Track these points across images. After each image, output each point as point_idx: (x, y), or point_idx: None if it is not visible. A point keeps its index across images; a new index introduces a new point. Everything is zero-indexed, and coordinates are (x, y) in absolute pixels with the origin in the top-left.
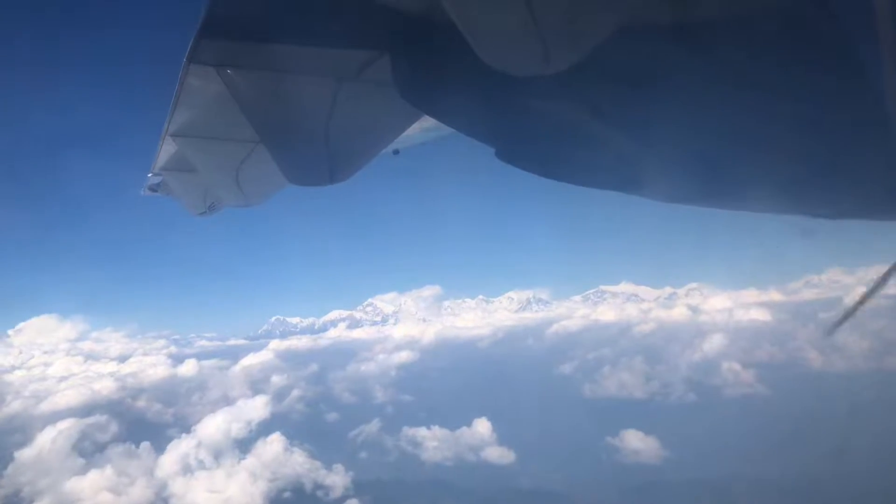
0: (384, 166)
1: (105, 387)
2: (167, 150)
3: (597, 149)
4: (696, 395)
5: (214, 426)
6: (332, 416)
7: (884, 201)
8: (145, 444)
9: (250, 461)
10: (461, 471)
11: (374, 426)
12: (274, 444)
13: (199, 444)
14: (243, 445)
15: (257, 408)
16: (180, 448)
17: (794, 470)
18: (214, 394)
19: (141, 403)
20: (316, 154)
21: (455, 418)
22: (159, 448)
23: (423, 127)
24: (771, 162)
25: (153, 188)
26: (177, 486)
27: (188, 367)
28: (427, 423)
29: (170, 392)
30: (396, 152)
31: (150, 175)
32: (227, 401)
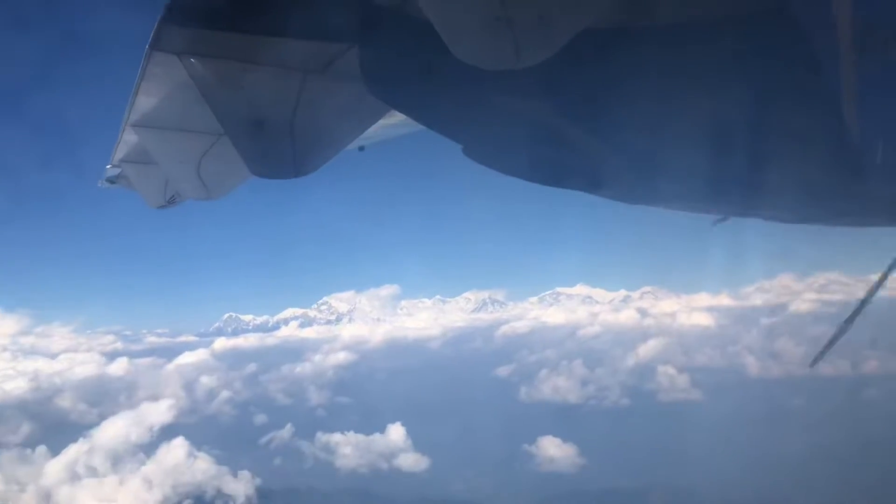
0: (347, 162)
1: (18, 386)
2: (127, 140)
3: (564, 148)
4: (630, 400)
5: (114, 430)
6: (259, 419)
7: (842, 207)
8: (41, 449)
9: (149, 468)
10: (376, 478)
11: (291, 431)
12: (177, 449)
13: (94, 450)
14: (144, 451)
15: (162, 411)
16: (74, 454)
17: (711, 477)
18: (142, 394)
19: (58, 404)
20: (281, 147)
21: (384, 422)
22: (58, 453)
23: (390, 122)
24: (734, 165)
25: (111, 180)
26: (63, 494)
27: (119, 366)
28: (357, 427)
29: (93, 392)
30: (362, 148)
31: (108, 166)
32: (153, 401)
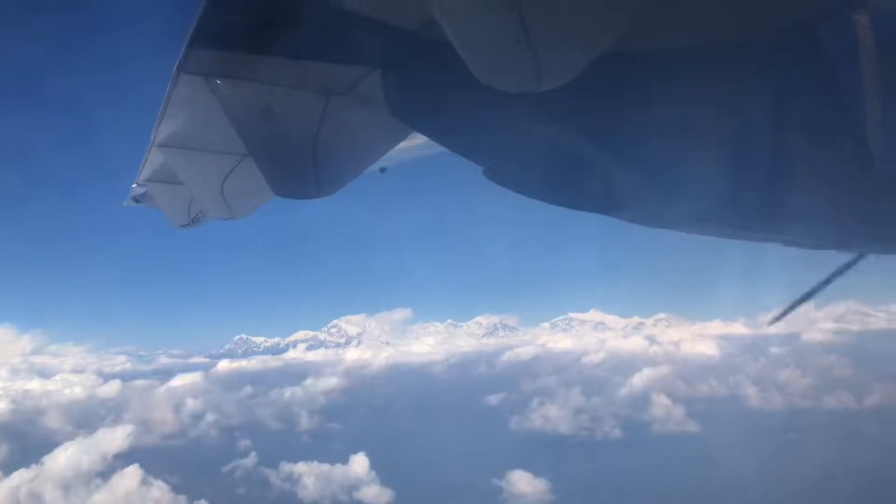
0: (366, 184)
1: None
2: (153, 160)
3: (585, 170)
4: (623, 432)
5: (69, 456)
6: (240, 445)
7: (865, 231)
8: None
9: (98, 496)
10: None
11: (262, 458)
12: (130, 476)
13: (42, 477)
14: (99, 477)
15: (124, 436)
16: (18, 480)
17: None
18: (123, 418)
19: (36, 426)
20: (304, 167)
21: (362, 451)
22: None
23: (412, 144)
24: (756, 190)
25: (137, 199)
26: None
27: (110, 388)
28: (335, 457)
29: (77, 414)
30: (383, 170)
31: (134, 185)
32: (131, 425)
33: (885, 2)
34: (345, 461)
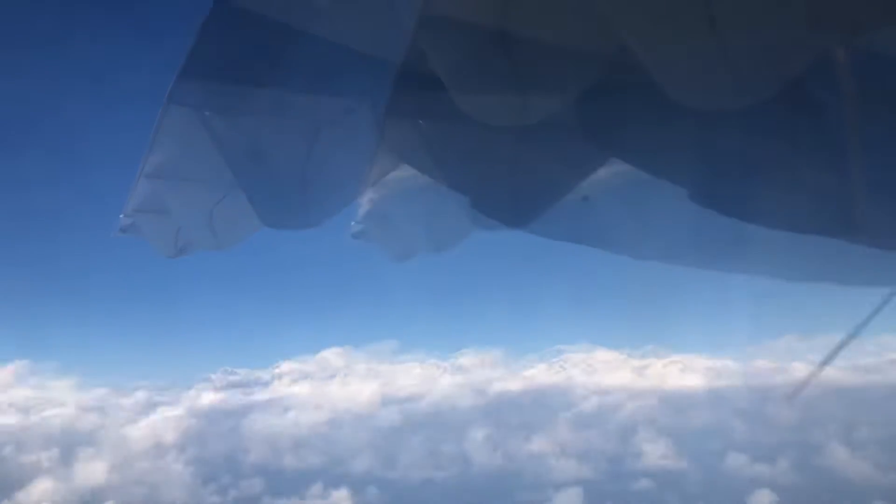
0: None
1: None
2: (142, 190)
3: (571, 202)
4: (610, 465)
5: (41, 492)
6: (223, 479)
7: (846, 267)
8: None
9: None
10: None
11: (246, 494)
12: None
13: None
14: None
15: (96, 472)
16: None
17: None
18: (104, 451)
19: (6, 460)
20: (293, 198)
21: (343, 487)
22: None
23: (400, 175)
24: (737, 223)
25: (125, 229)
26: None
27: (88, 420)
28: (314, 493)
29: (52, 447)
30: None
31: (122, 216)
32: (110, 459)
33: (868, 44)
34: (326, 497)
